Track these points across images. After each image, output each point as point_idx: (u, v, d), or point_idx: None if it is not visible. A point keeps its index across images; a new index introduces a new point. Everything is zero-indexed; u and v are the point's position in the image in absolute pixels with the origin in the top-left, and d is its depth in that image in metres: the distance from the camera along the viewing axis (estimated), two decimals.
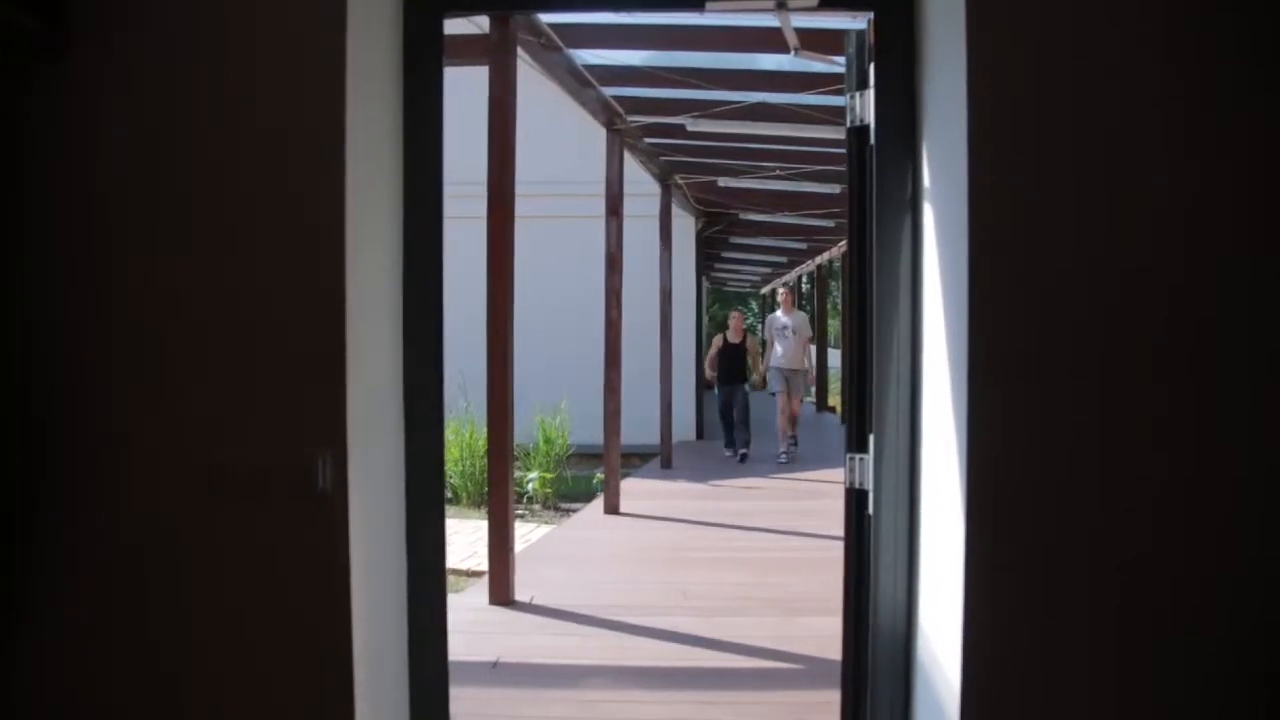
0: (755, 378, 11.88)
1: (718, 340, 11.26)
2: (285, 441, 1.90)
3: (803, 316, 11.46)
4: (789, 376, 10.81)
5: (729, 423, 11.27)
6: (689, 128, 7.56)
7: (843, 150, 8.25)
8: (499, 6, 3.85)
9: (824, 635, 4.53)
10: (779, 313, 11.22)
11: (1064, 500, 1.85)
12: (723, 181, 10.57)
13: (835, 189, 10.07)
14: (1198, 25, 1.83)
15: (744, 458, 11.05)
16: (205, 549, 1.92)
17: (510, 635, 4.58)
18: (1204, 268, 1.84)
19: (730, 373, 11.00)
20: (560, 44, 5.75)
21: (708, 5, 2.33)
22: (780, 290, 11.99)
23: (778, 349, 10.87)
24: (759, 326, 11.56)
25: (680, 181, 11.16)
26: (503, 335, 5.22)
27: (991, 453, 1.84)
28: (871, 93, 2.27)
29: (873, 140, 2.27)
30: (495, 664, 4.12)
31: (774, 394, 11.12)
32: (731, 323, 11.59)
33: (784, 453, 10.94)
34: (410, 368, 2.21)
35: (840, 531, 2.88)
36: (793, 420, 11.26)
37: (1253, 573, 1.83)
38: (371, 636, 2.02)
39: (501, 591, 5.14)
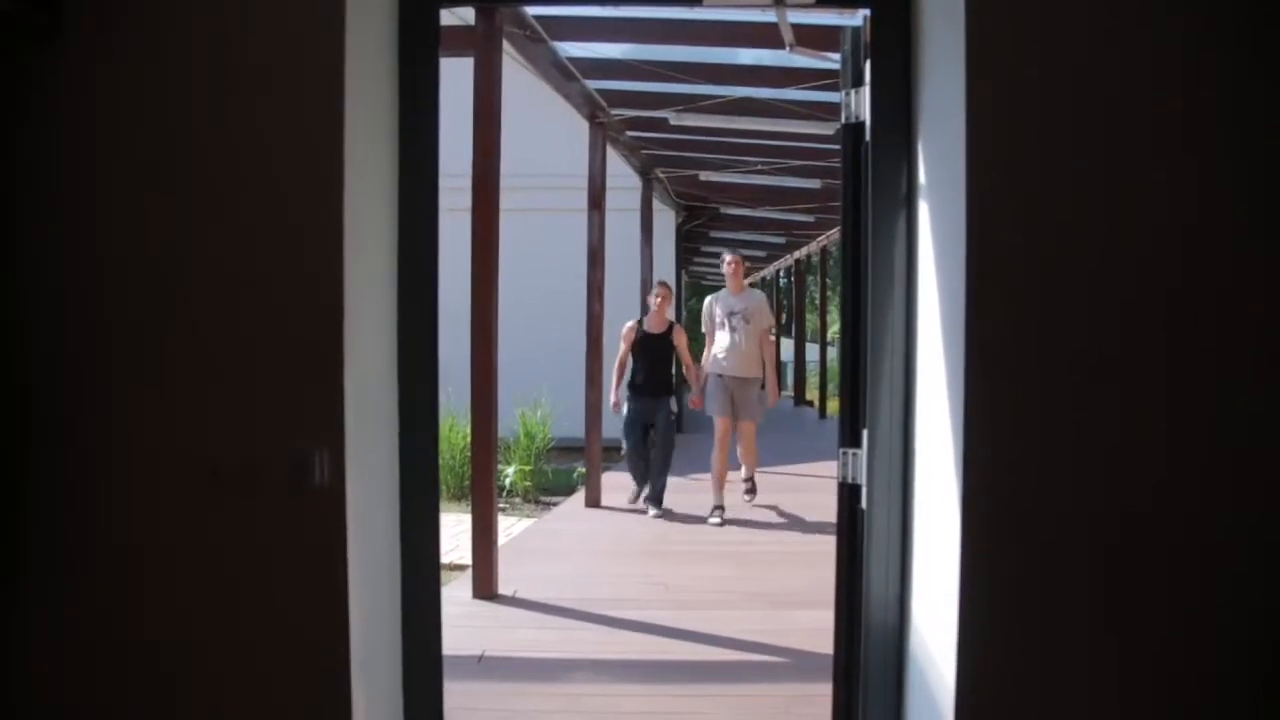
0: (690, 392, 7.87)
1: (629, 330, 7.31)
2: (284, 438, 1.88)
3: (759, 298, 7.54)
4: (734, 389, 7.03)
5: (643, 455, 7.38)
6: (672, 121, 7.55)
7: (825, 146, 8.21)
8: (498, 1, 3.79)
9: (809, 629, 4.56)
10: (724, 292, 7.38)
11: (1061, 495, 1.87)
12: (704, 175, 10.58)
13: (816, 184, 10.11)
14: (1197, 21, 1.84)
15: (654, 510, 7.33)
16: (204, 546, 1.91)
17: (494, 629, 4.57)
18: (1203, 264, 1.86)
19: (651, 381, 7.22)
20: (545, 36, 5.73)
21: (705, 0, 2.33)
22: (726, 258, 7.46)
23: (721, 345, 7.08)
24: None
25: (661, 175, 11.15)
26: (487, 329, 5.20)
27: (988, 448, 1.86)
28: (868, 90, 2.28)
29: (868, 137, 2.28)
30: (480, 658, 4.12)
31: (713, 415, 7.17)
32: (653, 302, 7.46)
33: (717, 510, 7.11)
34: (405, 363, 2.19)
35: (822, 525, 2.93)
36: (747, 457, 7.42)
37: (1251, 569, 1.85)
38: (367, 632, 2.02)
39: (485, 585, 5.13)
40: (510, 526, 7.97)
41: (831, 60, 5.38)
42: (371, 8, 2.04)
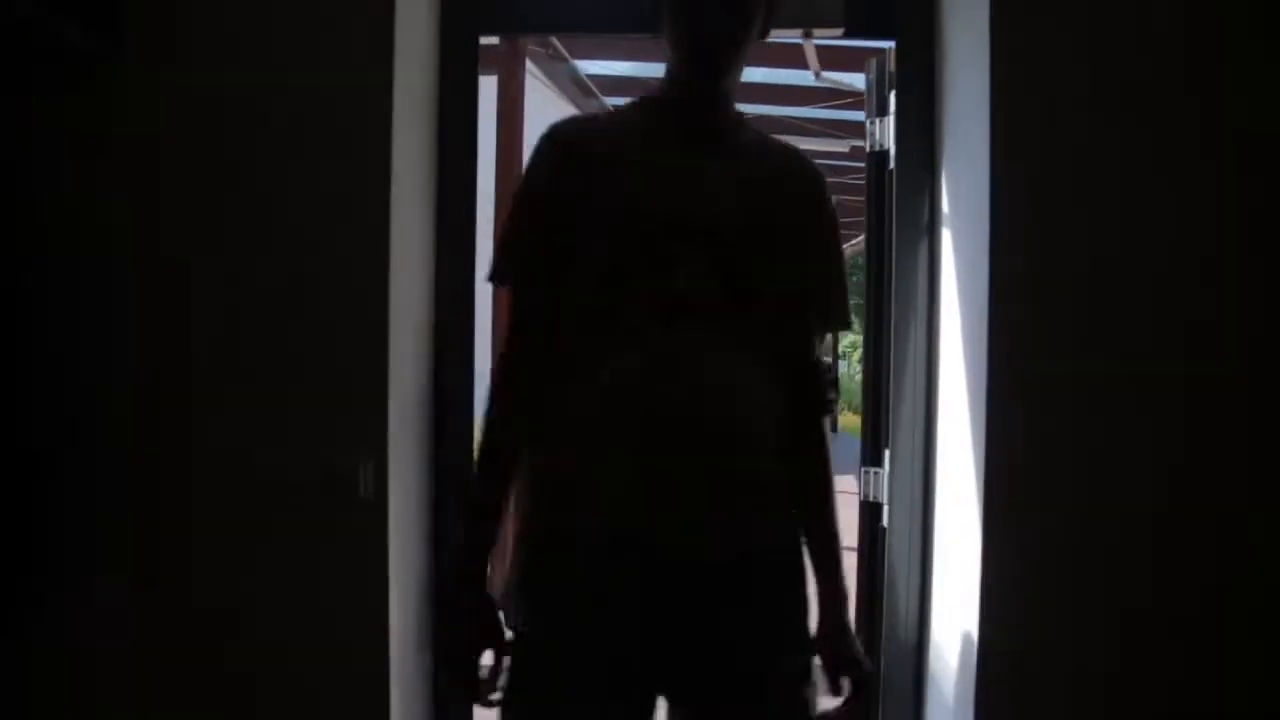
0: None
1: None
2: (330, 451, 1.95)
3: (803, 179, 1.47)
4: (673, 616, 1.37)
5: None
6: None
7: (834, 162, 8.17)
8: (534, 30, 3.82)
9: None
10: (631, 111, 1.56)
11: (1082, 514, 1.90)
12: None
13: None
14: (1227, 54, 1.89)
15: None
16: (254, 560, 1.98)
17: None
18: (1224, 286, 1.89)
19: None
20: (566, 55, 5.83)
21: None
22: None
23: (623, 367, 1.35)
24: None
25: None
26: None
27: (1009, 468, 1.89)
28: (892, 120, 2.34)
29: (892, 165, 2.34)
30: None
31: None
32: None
33: None
34: (441, 377, 2.26)
35: None
36: None
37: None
38: (404, 643, 2.07)
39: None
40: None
41: (855, 85, 5.41)
42: (416, 33, 2.12)
